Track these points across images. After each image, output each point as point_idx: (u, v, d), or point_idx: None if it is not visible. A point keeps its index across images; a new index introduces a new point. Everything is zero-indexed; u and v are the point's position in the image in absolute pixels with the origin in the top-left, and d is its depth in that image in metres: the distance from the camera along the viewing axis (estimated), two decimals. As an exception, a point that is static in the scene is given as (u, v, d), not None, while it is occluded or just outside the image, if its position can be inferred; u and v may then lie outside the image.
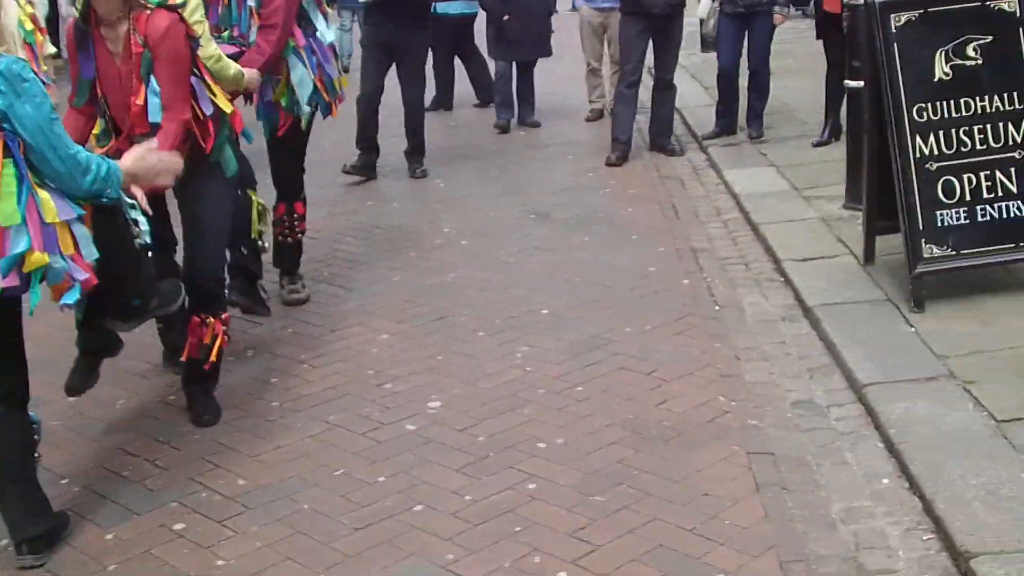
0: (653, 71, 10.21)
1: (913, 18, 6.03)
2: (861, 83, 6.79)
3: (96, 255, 4.25)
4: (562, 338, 6.12)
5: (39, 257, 4.02)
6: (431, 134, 10.33)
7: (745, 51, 9.88)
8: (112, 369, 5.64)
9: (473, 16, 12.12)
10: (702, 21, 11.33)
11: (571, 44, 12.51)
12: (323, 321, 6.61)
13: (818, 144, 9.38)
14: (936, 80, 6.05)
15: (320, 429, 5.26)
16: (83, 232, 4.21)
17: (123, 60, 4.97)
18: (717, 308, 6.42)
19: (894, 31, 6.00)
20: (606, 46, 11.37)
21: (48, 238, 4.05)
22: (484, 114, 12.10)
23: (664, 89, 9.99)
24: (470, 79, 12.61)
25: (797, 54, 12.71)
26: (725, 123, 10.07)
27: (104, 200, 4.25)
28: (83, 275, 4.19)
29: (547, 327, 6.30)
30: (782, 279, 6.74)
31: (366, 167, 9.65)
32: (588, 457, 4.82)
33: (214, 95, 5.19)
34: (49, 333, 5.74)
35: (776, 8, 9.68)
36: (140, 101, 4.96)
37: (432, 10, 10.21)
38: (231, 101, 5.50)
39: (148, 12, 4.93)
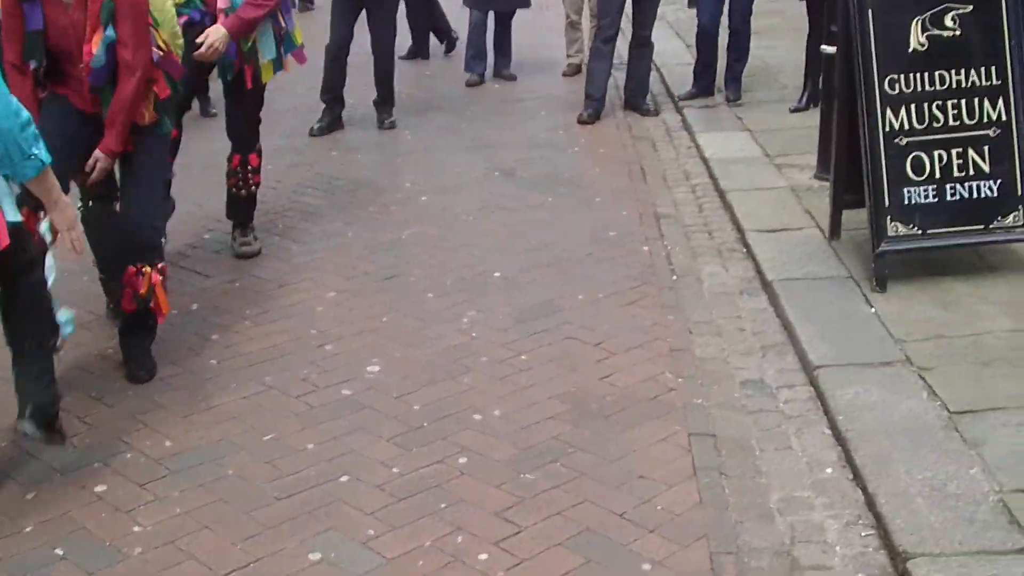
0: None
1: (890, -18, 5.78)
2: (834, 48, 6.54)
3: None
4: (511, 303, 5.93)
5: None
6: (403, 84, 10.10)
7: (726, 9, 9.60)
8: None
9: None
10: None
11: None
12: (272, 275, 6.41)
13: (795, 110, 9.12)
14: (911, 50, 5.79)
15: (255, 390, 5.10)
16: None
17: (76, 8, 4.82)
18: (675, 278, 6.22)
19: (869, -5, 5.75)
20: (587, -1, 11.10)
21: None
22: (459, 64, 11.81)
23: (640, 46, 9.71)
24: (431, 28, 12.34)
25: (785, 13, 12.38)
26: (703, 84, 9.78)
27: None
28: None
29: (498, 291, 6.11)
30: (744, 250, 6.53)
31: (331, 125, 9.40)
32: (524, 431, 4.65)
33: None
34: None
35: None
36: (96, 49, 4.84)
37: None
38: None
39: None
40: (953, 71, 5.83)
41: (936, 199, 5.78)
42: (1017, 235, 5.86)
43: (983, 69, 5.85)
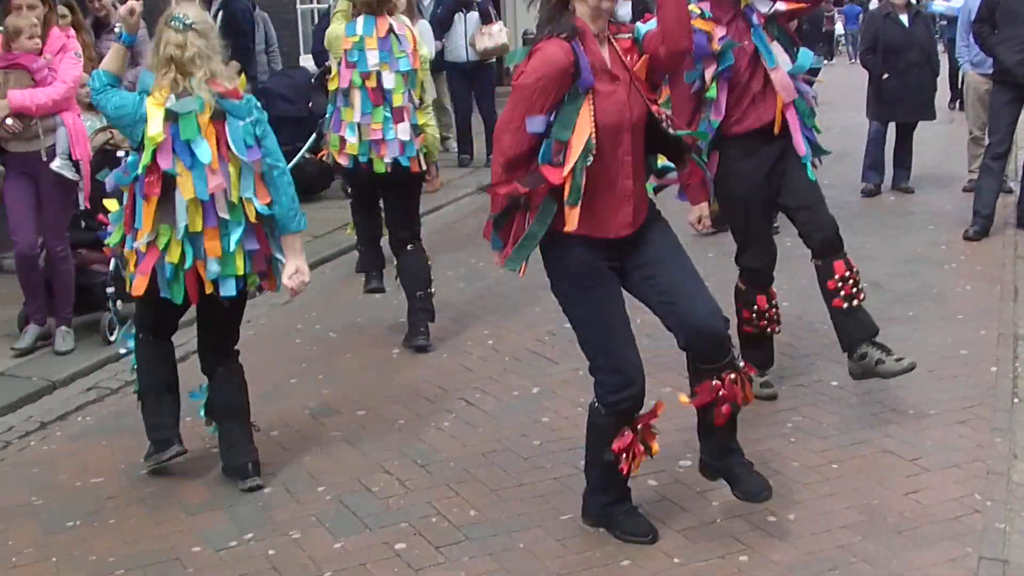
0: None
1: None
2: None
3: None
4: (839, 413, 5.95)
5: None
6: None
7: None
8: (401, 390, 6.08)
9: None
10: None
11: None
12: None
13: None
14: None
15: (566, 472, 5.36)
16: None
17: None
18: (1016, 401, 6.03)
19: None
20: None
21: None
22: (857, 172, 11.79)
23: (1036, 163, 9.45)
24: None
25: None
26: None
27: None
28: None
29: (830, 399, 6.15)
30: (1098, 377, 6.24)
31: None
32: (812, 537, 4.69)
33: None
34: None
35: None
36: None
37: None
38: None
39: None
40: None
41: None
42: None
43: None
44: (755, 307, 6.05)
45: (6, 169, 7.04)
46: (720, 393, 4.58)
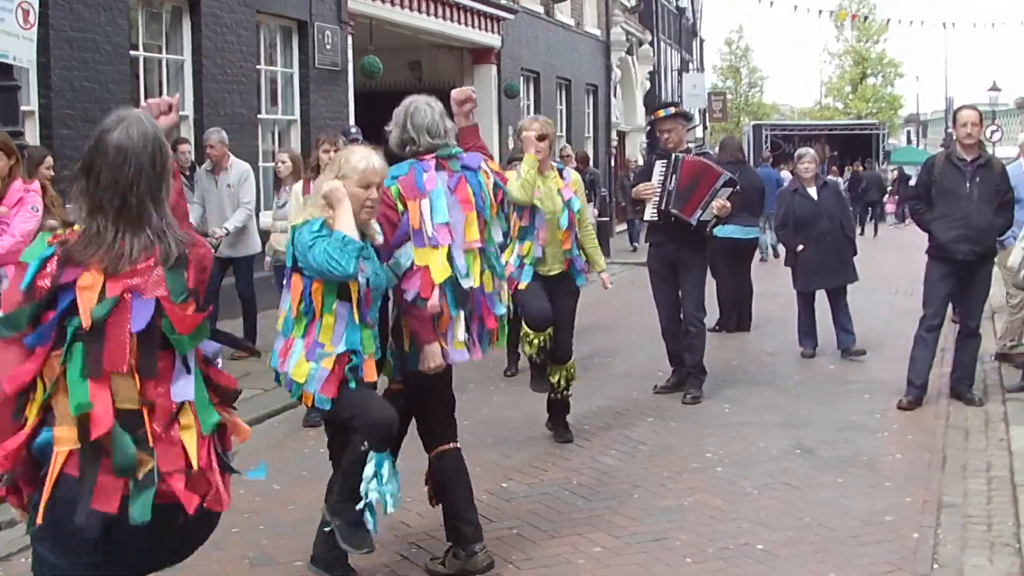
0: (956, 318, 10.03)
1: None
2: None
3: None
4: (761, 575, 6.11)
5: None
6: (739, 356, 10.54)
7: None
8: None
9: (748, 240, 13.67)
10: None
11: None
12: (548, 526, 6.87)
13: None
14: None
15: None
16: None
17: None
18: (935, 567, 6.20)
19: None
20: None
21: None
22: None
23: (967, 337, 9.76)
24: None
25: None
26: (1035, 379, 9.71)
27: None
28: None
29: (754, 563, 6.30)
30: (1017, 545, 6.43)
31: (679, 383, 10.22)
32: None
33: None
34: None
35: None
36: None
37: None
38: None
39: None
40: None
41: None
42: None
43: None
44: None
45: None
46: None
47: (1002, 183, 9.49)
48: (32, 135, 11.15)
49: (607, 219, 24.00)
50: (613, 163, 32.38)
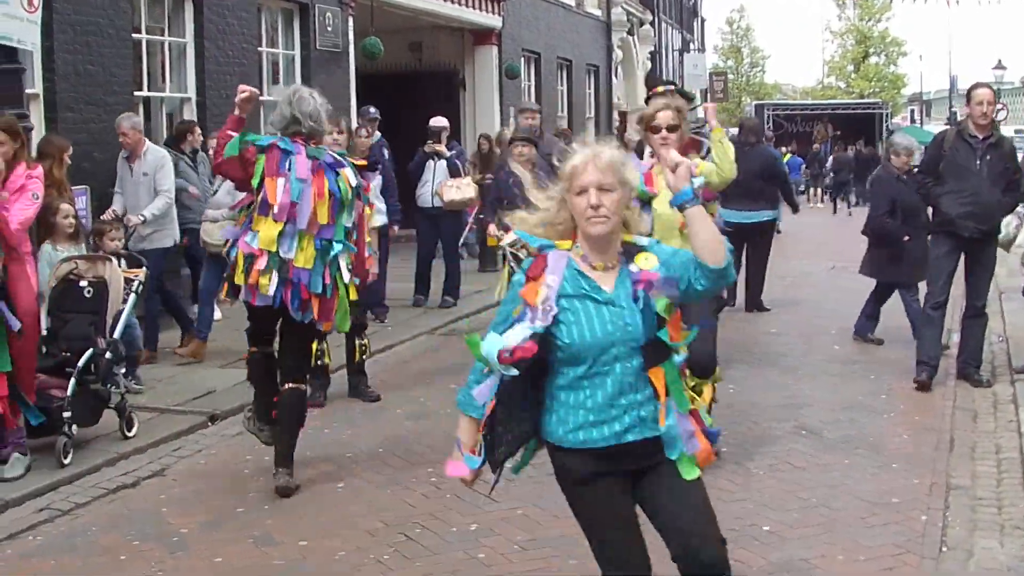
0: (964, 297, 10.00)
1: None
2: None
3: None
4: (767, 556, 6.09)
5: None
6: (742, 334, 10.48)
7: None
8: (343, 522, 6.14)
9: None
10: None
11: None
12: (552, 507, 6.84)
13: None
14: None
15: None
16: None
17: None
18: (944, 550, 6.18)
19: None
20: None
21: None
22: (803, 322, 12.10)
23: (974, 316, 9.73)
24: None
25: None
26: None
27: None
28: None
29: (761, 544, 6.28)
30: (1028, 528, 6.42)
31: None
32: None
33: None
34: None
35: None
36: None
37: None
38: None
39: None
40: None
41: None
42: None
43: None
44: None
45: None
46: None
47: (1011, 162, 9.49)
48: (36, 118, 11.07)
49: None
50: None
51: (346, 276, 7.23)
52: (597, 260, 4.12)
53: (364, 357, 9.65)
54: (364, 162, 8.34)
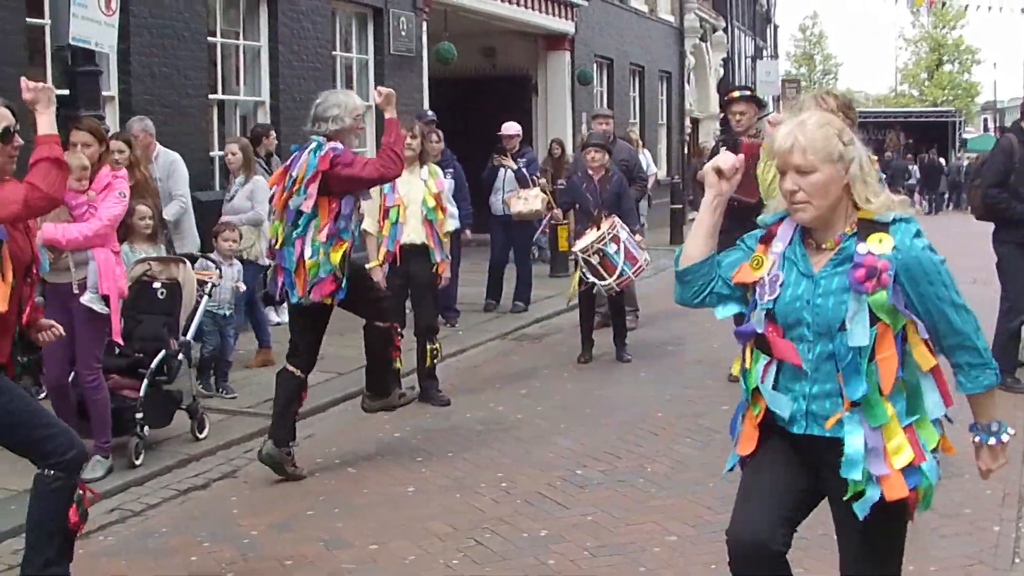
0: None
1: None
2: None
3: None
4: (833, 560, 6.03)
5: None
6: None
7: None
8: (413, 526, 6.17)
9: None
10: None
11: None
12: (622, 514, 6.84)
13: None
14: None
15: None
16: None
17: None
18: (1016, 561, 6.11)
19: None
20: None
21: None
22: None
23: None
24: None
25: None
26: None
27: None
28: None
29: (831, 553, 6.07)
30: (1104, 541, 6.31)
31: None
32: None
33: None
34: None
35: None
36: None
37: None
38: None
39: None
40: None
41: None
42: None
43: None
44: None
45: (45, 299, 7.29)
46: None
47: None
48: (112, 120, 11.24)
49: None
50: (687, 151, 32.13)
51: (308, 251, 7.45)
52: (820, 237, 3.85)
53: (435, 361, 9.67)
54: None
